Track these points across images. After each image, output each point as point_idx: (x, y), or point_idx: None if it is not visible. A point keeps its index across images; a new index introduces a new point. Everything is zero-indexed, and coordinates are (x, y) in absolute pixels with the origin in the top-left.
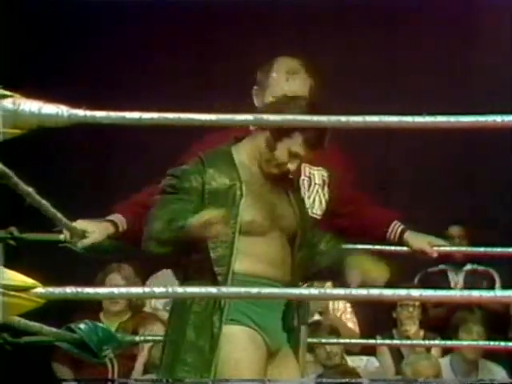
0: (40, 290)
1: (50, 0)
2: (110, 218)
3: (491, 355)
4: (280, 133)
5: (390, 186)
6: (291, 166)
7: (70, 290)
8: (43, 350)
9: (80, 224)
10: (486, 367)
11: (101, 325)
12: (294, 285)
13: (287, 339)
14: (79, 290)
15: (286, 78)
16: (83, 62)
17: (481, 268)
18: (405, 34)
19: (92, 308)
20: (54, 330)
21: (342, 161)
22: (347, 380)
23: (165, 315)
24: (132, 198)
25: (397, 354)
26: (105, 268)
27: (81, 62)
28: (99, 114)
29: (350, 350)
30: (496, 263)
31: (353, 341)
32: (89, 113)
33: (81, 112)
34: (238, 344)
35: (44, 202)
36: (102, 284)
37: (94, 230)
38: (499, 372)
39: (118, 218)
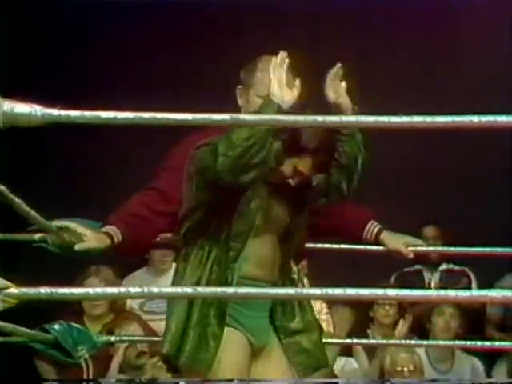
0: (13, 290)
1: (50, 0)
2: (105, 229)
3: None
4: (290, 149)
5: (365, 187)
6: (292, 182)
7: (44, 290)
8: (25, 348)
9: (80, 229)
10: (462, 357)
11: (76, 325)
12: (282, 284)
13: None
14: (53, 290)
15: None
16: (83, 62)
17: (456, 267)
18: (404, 33)
19: (75, 311)
20: (27, 330)
21: None
22: (323, 380)
23: (141, 315)
24: (123, 208)
25: (373, 353)
26: (84, 271)
27: (81, 62)
28: (73, 113)
29: None
30: (470, 263)
31: (329, 340)
32: (63, 112)
33: (55, 111)
34: (223, 345)
35: (17, 199)
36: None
37: (91, 238)
38: (475, 363)
39: (112, 229)
